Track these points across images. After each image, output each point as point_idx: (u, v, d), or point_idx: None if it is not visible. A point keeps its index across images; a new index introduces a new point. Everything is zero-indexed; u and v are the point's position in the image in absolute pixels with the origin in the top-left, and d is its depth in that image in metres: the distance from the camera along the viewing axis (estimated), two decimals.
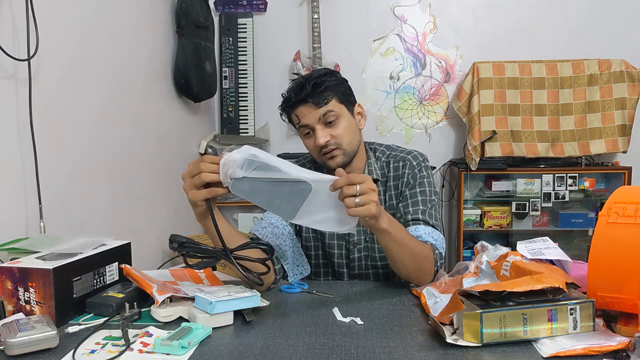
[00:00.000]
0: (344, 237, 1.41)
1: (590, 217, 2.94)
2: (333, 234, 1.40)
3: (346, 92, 1.37)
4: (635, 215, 0.88)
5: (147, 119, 2.12)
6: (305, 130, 1.33)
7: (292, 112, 1.34)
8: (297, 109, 1.32)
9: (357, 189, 0.99)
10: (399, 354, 0.86)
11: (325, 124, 1.31)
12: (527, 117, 2.88)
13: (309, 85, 1.29)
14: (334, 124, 1.31)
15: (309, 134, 1.33)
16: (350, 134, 1.33)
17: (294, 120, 1.36)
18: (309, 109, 1.30)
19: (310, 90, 1.29)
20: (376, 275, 1.41)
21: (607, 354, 0.82)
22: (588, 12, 3.04)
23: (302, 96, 1.30)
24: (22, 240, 1.17)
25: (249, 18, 3.05)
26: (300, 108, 1.31)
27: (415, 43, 3.13)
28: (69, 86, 1.54)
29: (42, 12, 1.35)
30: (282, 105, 1.36)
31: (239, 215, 2.91)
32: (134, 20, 2.03)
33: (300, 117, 1.32)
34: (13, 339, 0.85)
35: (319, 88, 1.29)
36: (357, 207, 0.99)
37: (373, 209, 1.01)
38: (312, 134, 1.32)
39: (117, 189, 1.83)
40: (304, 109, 1.31)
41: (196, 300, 1.01)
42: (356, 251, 1.40)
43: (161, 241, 2.26)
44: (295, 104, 1.31)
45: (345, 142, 1.32)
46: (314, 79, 1.30)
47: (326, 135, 1.30)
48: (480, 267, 1.10)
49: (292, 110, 1.33)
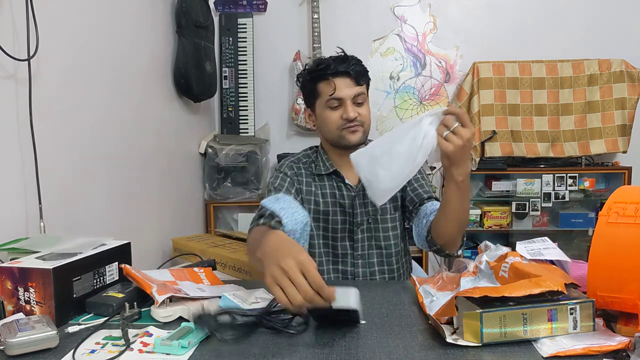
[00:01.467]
0: (347, 219, 1.47)
1: (590, 217, 2.94)
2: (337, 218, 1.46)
3: (369, 81, 1.49)
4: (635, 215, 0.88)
5: (147, 119, 2.12)
6: (335, 102, 1.40)
7: (326, 81, 1.39)
8: (337, 78, 1.39)
9: (455, 125, 1.08)
10: (399, 354, 0.86)
11: (355, 102, 1.40)
12: (527, 117, 2.88)
13: (352, 62, 1.39)
14: (360, 105, 1.41)
15: (337, 107, 1.40)
16: (369, 118, 1.45)
17: (322, 89, 1.41)
18: (347, 84, 1.39)
19: (352, 67, 1.39)
20: (379, 255, 1.48)
21: (607, 353, 0.82)
22: (588, 12, 3.04)
23: (344, 69, 1.38)
24: (22, 240, 1.17)
25: (249, 18, 3.05)
26: (340, 79, 1.39)
27: (415, 43, 3.13)
28: (69, 86, 1.54)
29: (42, 12, 1.35)
30: (315, 71, 1.41)
31: (239, 215, 2.91)
32: (134, 20, 2.03)
33: (337, 88, 1.38)
34: (13, 339, 0.85)
35: (359, 68, 1.41)
36: (443, 139, 1.08)
37: (451, 149, 1.08)
38: (339, 108, 1.40)
39: (117, 188, 1.83)
40: (343, 82, 1.39)
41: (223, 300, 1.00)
42: (359, 232, 1.47)
43: (161, 241, 2.26)
44: (335, 74, 1.38)
45: (366, 123, 1.43)
46: (355, 59, 1.41)
47: (355, 112, 1.39)
48: (480, 267, 1.10)
49: (328, 78, 1.39)
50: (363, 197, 1.47)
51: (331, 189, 1.48)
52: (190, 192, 2.70)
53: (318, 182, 1.49)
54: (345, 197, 1.47)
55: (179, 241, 2.27)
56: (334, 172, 1.48)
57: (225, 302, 1.00)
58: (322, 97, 1.42)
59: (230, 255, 2.05)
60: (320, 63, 1.41)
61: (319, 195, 1.48)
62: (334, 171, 1.48)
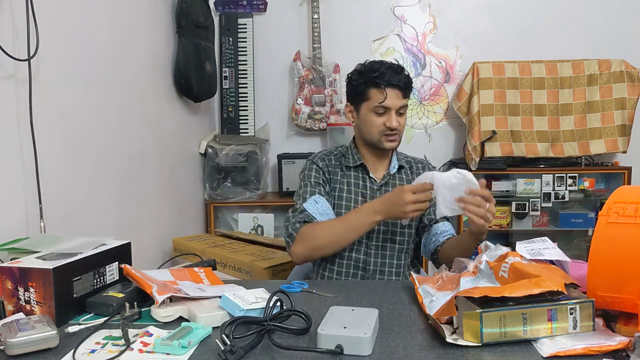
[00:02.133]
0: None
1: (590, 217, 2.94)
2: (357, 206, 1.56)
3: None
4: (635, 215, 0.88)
5: (147, 119, 2.12)
6: (381, 109, 1.52)
7: (379, 88, 1.51)
8: (389, 89, 1.51)
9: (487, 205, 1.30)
10: (399, 354, 0.86)
11: (398, 112, 1.54)
12: (527, 117, 2.88)
13: (404, 75, 1.54)
14: (401, 116, 1.56)
15: (382, 113, 1.53)
16: (404, 128, 1.60)
17: (373, 95, 1.52)
18: (397, 95, 1.52)
19: (404, 81, 1.53)
20: (392, 249, 1.59)
21: (607, 353, 0.82)
22: (588, 12, 3.04)
23: (396, 82, 1.51)
24: (22, 240, 1.17)
25: (249, 18, 3.05)
26: (392, 90, 1.51)
27: (415, 43, 3.13)
28: (69, 86, 1.54)
29: (42, 12, 1.35)
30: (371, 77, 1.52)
31: (239, 215, 2.91)
32: (134, 20, 2.03)
33: (388, 97, 1.51)
34: (13, 339, 0.85)
35: (409, 81, 1.55)
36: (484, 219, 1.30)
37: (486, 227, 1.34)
38: (384, 115, 1.53)
39: (117, 188, 1.84)
40: (394, 93, 1.52)
41: (223, 300, 1.00)
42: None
43: (161, 241, 2.26)
44: (389, 84, 1.50)
45: (402, 132, 1.59)
46: (405, 72, 1.56)
47: (397, 122, 1.53)
48: (480, 266, 1.10)
49: (381, 87, 1.50)
50: (384, 192, 1.59)
51: (355, 180, 1.61)
52: (190, 192, 2.70)
53: (345, 172, 1.63)
54: (367, 189, 1.60)
55: (179, 241, 2.27)
56: (360, 165, 1.62)
57: (225, 302, 1.00)
58: (370, 102, 1.53)
59: (230, 255, 2.05)
60: (375, 69, 1.51)
61: (344, 184, 1.61)
62: (361, 164, 1.62)
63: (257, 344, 0.88)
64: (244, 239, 2.36)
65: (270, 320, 0.92)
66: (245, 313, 0.97)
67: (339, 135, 2.96)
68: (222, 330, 0.88)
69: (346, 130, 2.95)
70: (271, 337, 0.89)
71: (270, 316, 0.94)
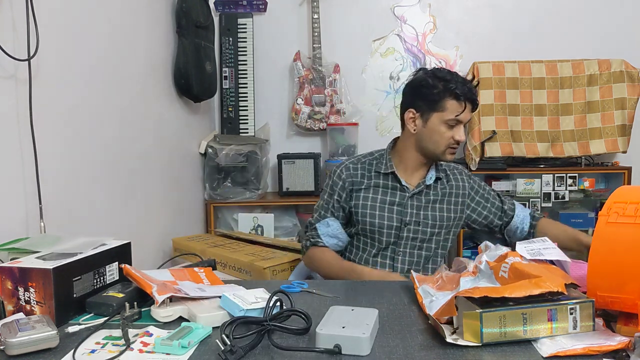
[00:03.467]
0: (395, 217, 1.60)
1: (590, 217, 2.94)
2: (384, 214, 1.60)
3: None
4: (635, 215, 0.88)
5: (147, 119, 2.12)
6: (454, 122, 1.53)
7: (459, 101, 1.52)
8: (467, 106, 1.53)
9: None
10: (399, 354, 0.86)
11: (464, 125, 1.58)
12: (527, 117, 2.88)
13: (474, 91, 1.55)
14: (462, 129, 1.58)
15: (452, 126, 1.54)
16: None
17: (450, 106, 1.52)
18: (470, 110, 1.55)
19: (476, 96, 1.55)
20: (419, 256, 1.61)
21: (607, 353, 0.82)
22: (588, 12, 3.04)
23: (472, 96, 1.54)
24: (22, 240, 1.17)
25: (249, 18, 3.04)
26: (468, 107, 1.54)
27: (415, 43, 3.13)
28: (69, 86, 1.54)
29: (42, 12, 1.35)
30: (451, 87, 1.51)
31: (239, 215, 2.91)
32: (134, 20, 2.03)
33: (464, 113, 1.53)
34: (13, 339, 0.85)
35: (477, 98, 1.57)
36: None
37: None
38: (454, 129, 1.54)
39: (117, 189, 1.84)
40: (469, 107, 1.54)
41: (223, 300, 1.00)
42: (406, 230, 1.59)
43: (161, 241, 2.26)
44: (468, 98, 1.52)
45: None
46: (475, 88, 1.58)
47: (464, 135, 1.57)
48: (480, 267, 1.10)
49: (461, 100, 1.52)
50: (416, 200, 1.61)
51: (384, 187, 1.62)
52: (190, 192, 2.70)
53: (374, 180, 1.63)
54: (397, 196, 1.61)
55: (179, 241, 2.27)
56: (391, 173, 1.62)
57: (225, 302, 1.00)
58: (445, 113, 1.53)
59: (230, 255, 2.05)
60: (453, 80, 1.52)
61: (378, 185, 1.62)
62: (392, 172, 1.62)
63: (257, 344, 0.88)
64: (244, 239, 2.36)
65: (270, 321, 0.92)
66: (245, 313, 0.97)
67: (339, 136, 2.96)
68: (222, 330, 0.88)
69: (346, 130, 2.96)
70: (271, 337, 0.89)
71: (270, 316, 0.94)
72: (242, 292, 1.07)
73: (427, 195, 1.62)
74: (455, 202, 1.65)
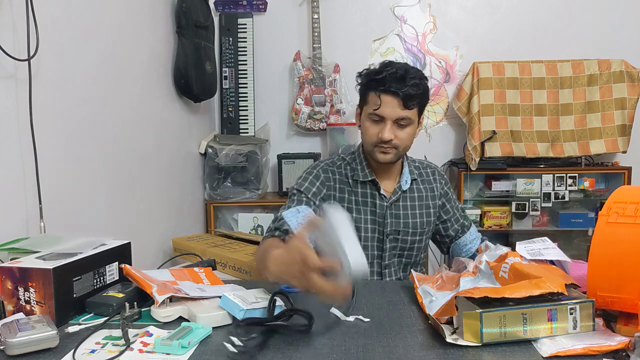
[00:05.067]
0: (378, 229, 1.48)
1: (590, 217, 2.94)
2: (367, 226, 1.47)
3: (426, 104, 1.44)
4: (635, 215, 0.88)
5: (147, 119, 2.12)
6: (376, 117, 1.37)
7: (376, 93, 1.35)
8: (385, 95, 1.34)
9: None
10: (399, 354, 0.86)
11: (397, 124, 1.37)
12: (527, 117, 2.88)
13: (407, 82, 1.33)
14: (403, 127, 1.38)
15: (377, 121, 1.38)
16: (409, 141, 1.43)
17: (370, 99, 1.38)
18: (394, 104, 1.35)
19: (406, 89, 1.33)
20: (400, 263, 1.51)
21: (607, 353, 0.82)
22: (588, 12, 3.04)
23: (395, 89, 1.33)
24: (22, 240, 1.17)
25: (249, 18, 3.04)
26: (388, 97, 1.34)
27: (415, 43, 3.13)
28: (69, 86, 1.54)
29: (42, 12, 1.35)
30: (370, 80, 1.38)
31: (239, 215, 2.91)
32: (134, 20, 2.03)
33: (383, 104, 1.35)
34: (13, 339, 0.85)
35: (413, 91, 1.34)
36: None
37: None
38: (379, 124, 1.37)
39: (117, 189, 1.83)
40: (390, 100, 1.34)
41: (223, 300, 1.00)
42: (388, 241, 1.48)
43: (161, 241, 2.26)
44: (386, 91, 1.34)
45: (402, 146, 1.41)
46: (414, 80, 1.35)
47: (392, 134, 1.36)
48: (479, 267, 1.10)
49: (379, 92, 1.35)
50: (394, 208, 1.49)
51: (363, 197, 1.47)
52: (190, 192, 2.70)
53: (352, 188, 1.47)
54: (377, 206, 1.47)
55: (179, 241, 2.27)
56: (371, 181, 1.47)
57: (225, 302, 1.00)
58: (368, 107, 1.40)
59: (230, 255, 2.05)
60: (378, 73, 1.37)
61: (352, 202, 1.46)
62: (372, 180, 1.47)
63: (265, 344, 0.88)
64: (244, 239, 2.36)
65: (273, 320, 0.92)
66: (245, 313, 0.97)
67: (339, 136, 2.96)
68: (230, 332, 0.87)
69: (346, 130, 2.96)
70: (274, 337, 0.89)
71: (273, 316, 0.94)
72: (242, 292, 1.07)
73: (404, 201, 1.50)
74: (432, 205, 1.54)
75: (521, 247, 1.11)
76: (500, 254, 1.09)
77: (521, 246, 1.12)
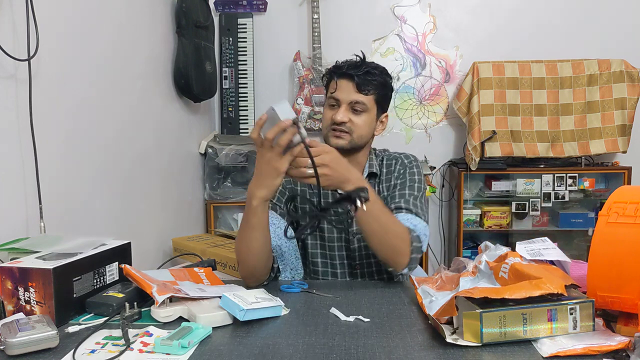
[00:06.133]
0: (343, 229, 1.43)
1: (590, 217, 2.94)
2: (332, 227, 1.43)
3: (385, 98, 1.43)
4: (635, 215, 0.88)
5: (147, 119, 2.12)
6: (333, 101, 1.39)
7: (335, 78, 1.39)
8: (341, 79, 1.37)
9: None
10: (399, 354, 0.86)
11: (352, 108, 1.37)
12: (527, 117, 2.88)
13: (363, 69, 1.36)
14: (358, 113, 1.37)
15: (334, 106, 1.39)
16: (365, 130, 1.39)
17: (331, 85, 1.42)
18: (348, 87, 1.37)
19: (362, 74, 1.36)
20: (377, 264, 1.42)
21: (607, 353, 0.82)
22: (588, 12, 3.04)
23: (351, 73, 1.36)
24: (22, 240, 1.17)
25: (249, 18, 3.04)
26: (344, 81, 1.37)
27: (415, 43, 3.13)
28: (69, 86, 1.54)
29: (42, 12, 1.35)
30: (331, 69, 1.42)
31: (239, 215, 2.91)
32: (134, 20, 2.03)
33: (338, 88, 1.37)
34: (13, 339, 0.85)
35: (369, 77, 1.37)
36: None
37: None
38: (335, 108, 1.38)
39: (117, 189, 1.83)
40: (346, 84, 1.37)
41: (223, 300, 1.00)
42: (356, 241, 1.42)
43: (161, 241, 2.26)
44: (343, 74, 1.37)
45: (357, 133, 1.37)
46: (372, 68, 1.38)
47: (346, 117, 1.36)
48: (479, 267, 1.10)
49: (337, 77, 1.38)
50: None
51: (325, 197, 1.41)
52: (190, 192, 2.70)
53: (315, 190, 1.41)
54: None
55: (179, 241, 2.27)
56: None
57: (225, 302, 1.00)
58: (327, 93, 1.42)
59: (230, 255, 2.05)
60: (341, 63, 1.41)
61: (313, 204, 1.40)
62: None
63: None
64: None
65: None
66: (246, 313, 0.97)
67: None
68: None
69: None
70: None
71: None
72: (242, 292, 1.07)
73: None
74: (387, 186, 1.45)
75: (521, 247, 1.11)
76: (500, 254, 1.09)
77: (521, 246, 1.12)
